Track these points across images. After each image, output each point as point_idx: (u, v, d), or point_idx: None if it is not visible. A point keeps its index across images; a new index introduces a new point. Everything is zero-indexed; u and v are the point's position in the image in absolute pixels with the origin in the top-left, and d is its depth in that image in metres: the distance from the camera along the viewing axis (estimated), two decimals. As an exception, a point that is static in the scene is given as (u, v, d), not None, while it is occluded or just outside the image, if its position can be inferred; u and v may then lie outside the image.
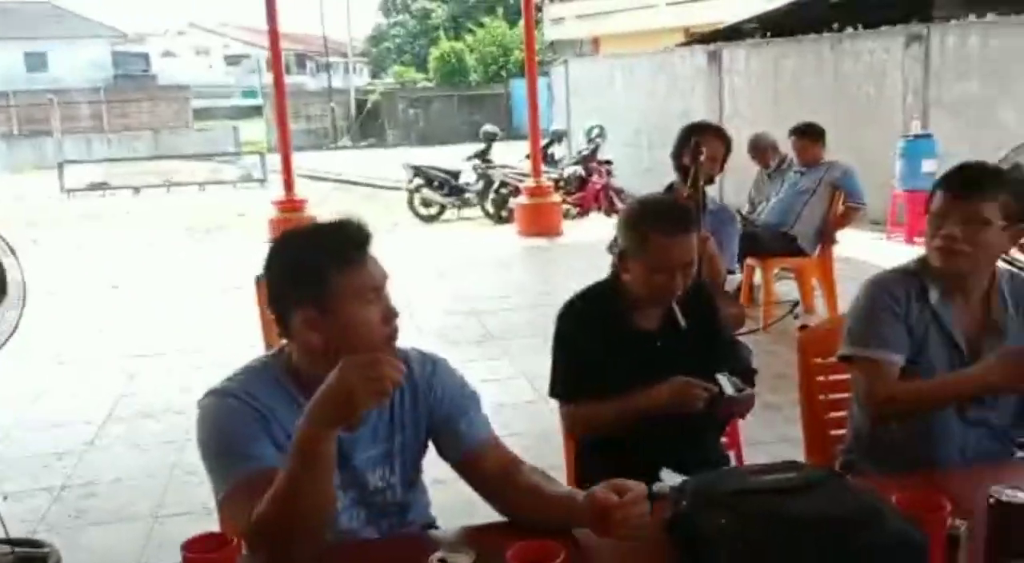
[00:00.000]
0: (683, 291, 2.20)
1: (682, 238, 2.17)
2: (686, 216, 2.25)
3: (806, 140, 5.87)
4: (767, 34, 12.37)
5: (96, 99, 30.46)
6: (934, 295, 2.13)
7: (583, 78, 15.67)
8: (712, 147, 3.63)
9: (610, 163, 12.55)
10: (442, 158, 14.63)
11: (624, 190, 12.37)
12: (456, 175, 12.89)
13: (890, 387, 2.08)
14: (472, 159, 12.86)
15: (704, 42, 13.58)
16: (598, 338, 2.24)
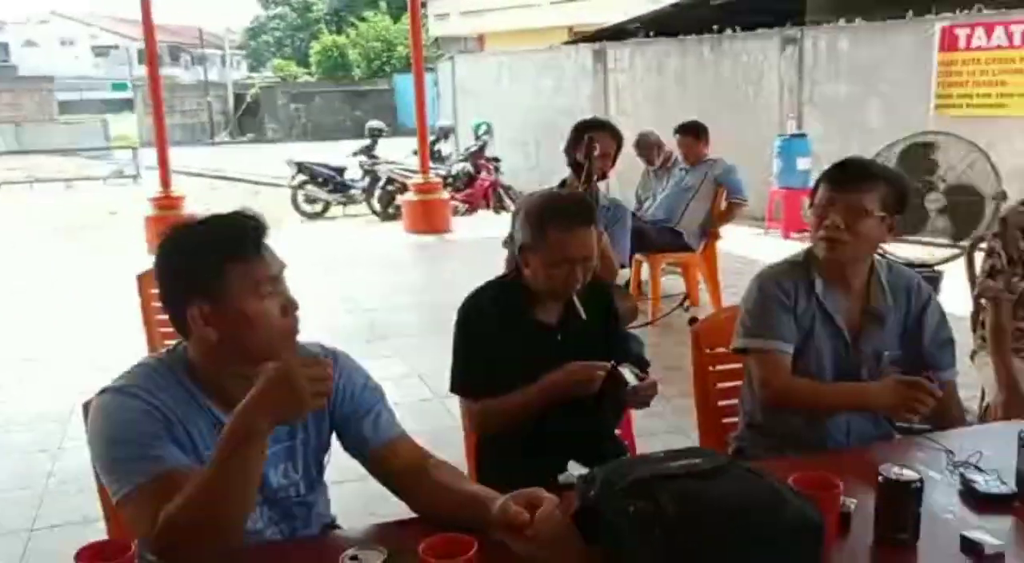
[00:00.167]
0: (582, 285, 2.21)
1: (581, 231, 2.18)
2: (585, 210, 2.27)
3: (690, 138, 6.04)
4: (651, 34, 12.65)
5: (-51, 90, 28.68)
6: (819, 286, 2.24)
7: (470, 75, 15.67)
8: (605, 144, 3.69)
9: (498, 160, 12.60)
10: (326, 154, 14.37)
11: (512, 187, 12.45)
12: (341, 171, 12.70)
13: (785, 380, 2.18)
14: (358, 155, 12.70)
15: (589, 41, 13.79)
16: (499, 333, 2.23)
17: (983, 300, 3.08)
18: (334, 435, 1.72)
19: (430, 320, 6.02)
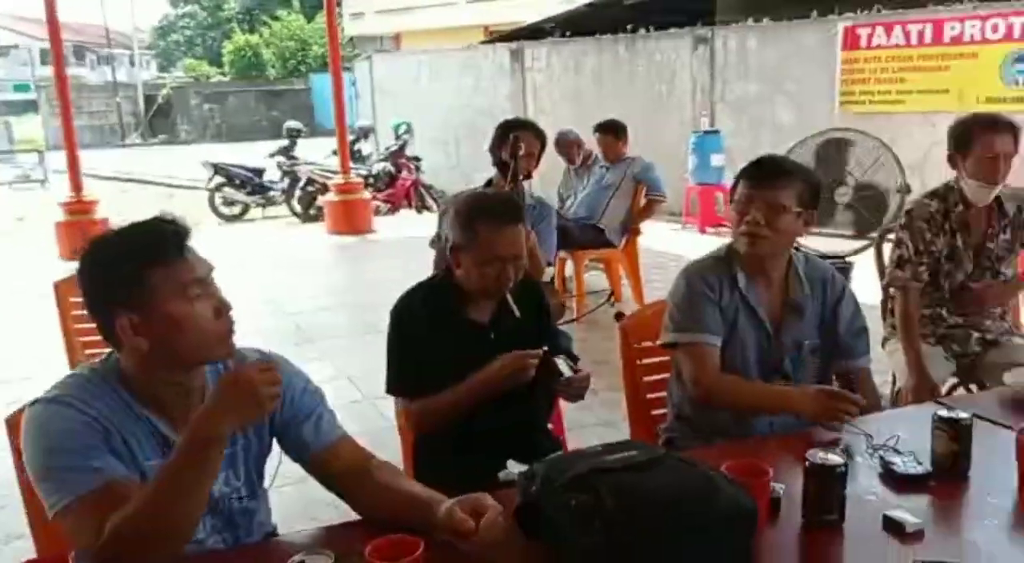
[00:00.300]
0: (515, 283, 2.25)
1: (510, 230, 2.22)
2: (513, 208, 2.30)
3: (610, 137, 6.14)
4: (567, 34, 12.77)
5: None
6: (742, 280, 2.32)
7: (388, 74, 15.56)
8: (529, 143, 3.74)
9: (419, 159, 12.56)
10: (243, 155, 14.12)
11: (434, 186, 12.43)
12: (259, 173, 12.49)
13: (714, 379, 2.25)
14: (276, 156, 12.50)
15: (506, 40, 13.84)
16: (432, 333, 2.25)
17: (892, 289, 3.23)
18: (275, 441, 1.72)
19: (357, 321, 5.98)
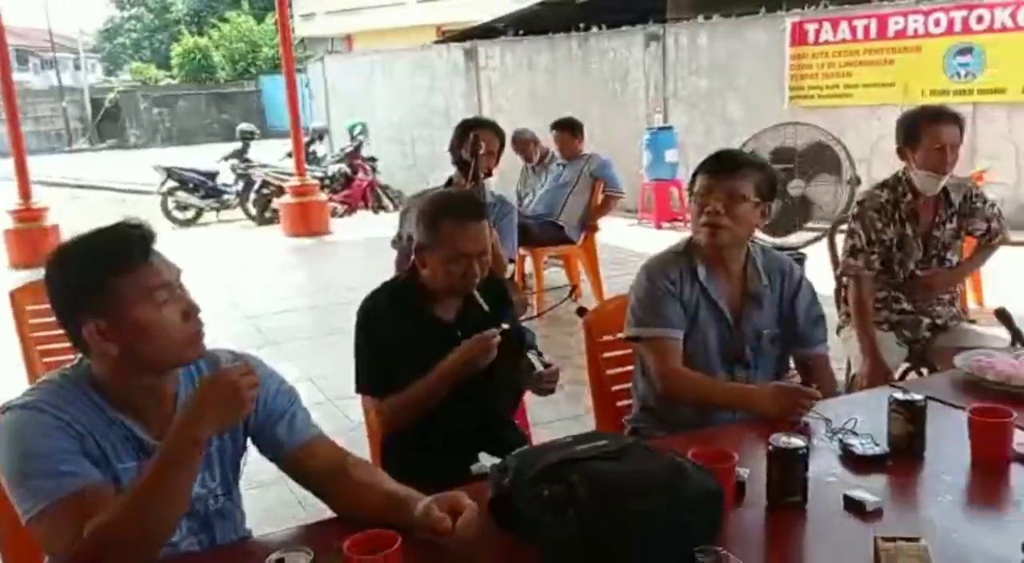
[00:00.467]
0: (480, 280, 2.27)
1: (474, 226, 2.24)
2: (476, 206, 2.33)
3: (566, 134, 6.19)
4: (520, 32, 12.81)
5: None
6: (702, 272, 2.37)
7: (341, 75, 15.48)
8: (489, 142, 3.76)
9: (374, 160, 12.51)
10: (195, 159, 13.93)
11: (390, 186, 12.39)
12: (213, 176, 12.34)
13: (677, 371, 2.30)
14: (229, 159, 12.36)
15: (459, 40, 13.85)
16: (399, 331, 2.27)
17: (846, 278, 3.32)
18: (250, 441, 1.72)
19: (318, 323, 5.96)
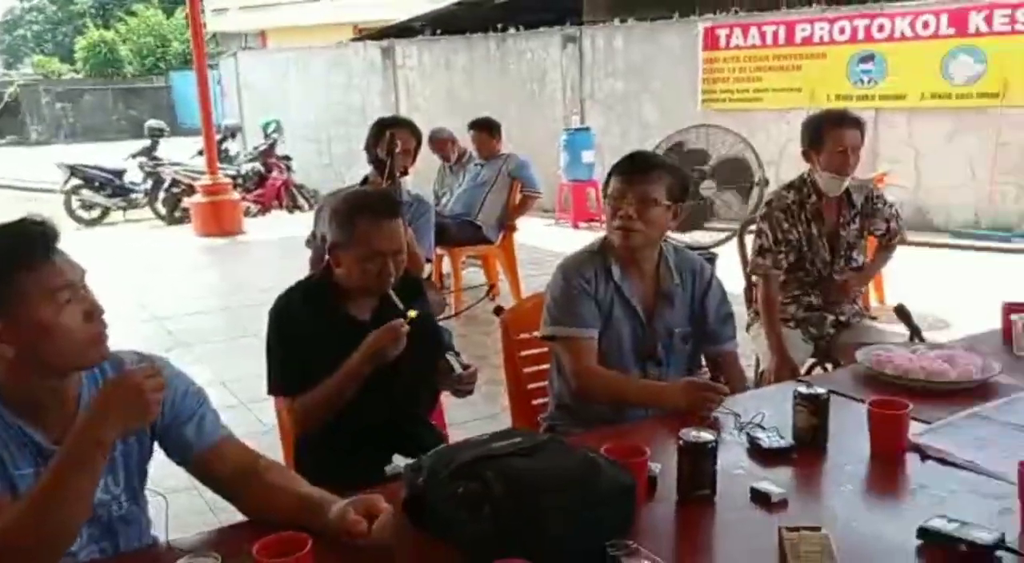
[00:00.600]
0: (396, 279, 2.26)
1: (389, 224, 2.22)
2: (391, 203, 2.32)
3: (484, 134, 6.21)
4: (437, 32, 12.78)
5: None
6: (616, 271, 2.41)
7: (255, 72, 15.17)
8: (405, 140, 3.75)
9: (289, 159, 12.32)
10: (101, 156, 13.49)
11: (305, 186, 12.22)
12: (120, 174, 11.98)
13: (591, 370, 2.33)
14: (137, 157, 12.02)
15: (375, 38, 13.74)
16: (313, 331, 2.23)
17: (754, 277, 3.42)
18: (156, 445, 1.68)
19: (231, 324, 5.83)
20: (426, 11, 13.56)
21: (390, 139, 3.50)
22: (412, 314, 2.17)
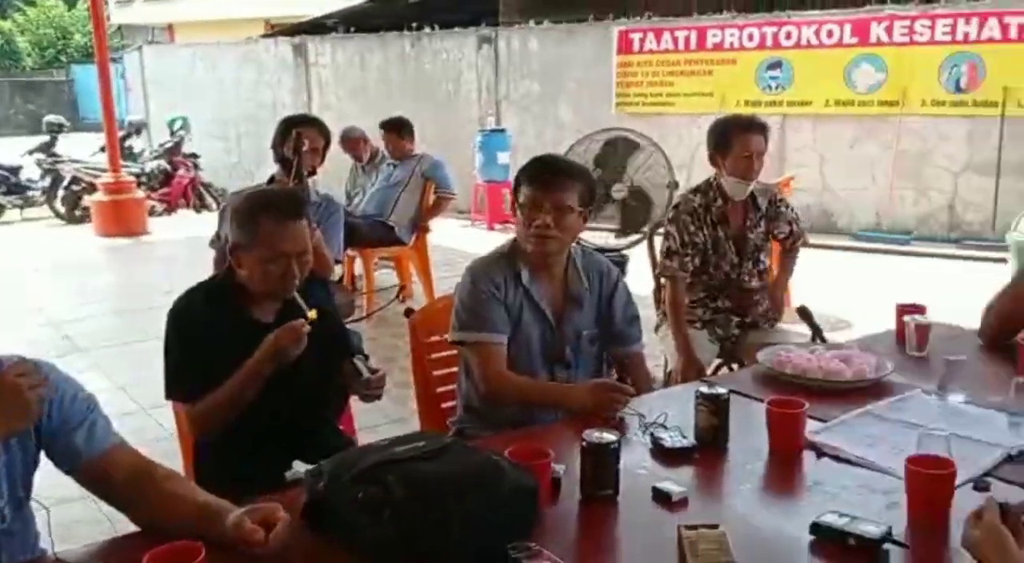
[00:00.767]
0: (300, 281, 2.21)
1: (293, 225, 2.16)
2: (295, 203, 2.25)
3: (394, 135, 6.15)
4: (350, 29, 12.64)
5: None
6: (525, 275, 2.41)
7: (161, 67, 14.74)
8: (313, 139, 3.67)
9: (197, 156, 12.01)
10: (-4, 152, 12.93)
11: (213, 184, 11.93)
12: (16, 171, 11.51)
13: (500, 375, 2.33)
14: (35, 153, 11.54)
15: (288, 35, 13.51)
16: (214, 334, 2.16)
17: (663, 278, 3.47)
18: (43, 454, 1.60)
19: (131, 328, 5.65)
20: (339, 8, 13.39)
21: (296, 138, 3.43)
22: (312, 314, 2.12)
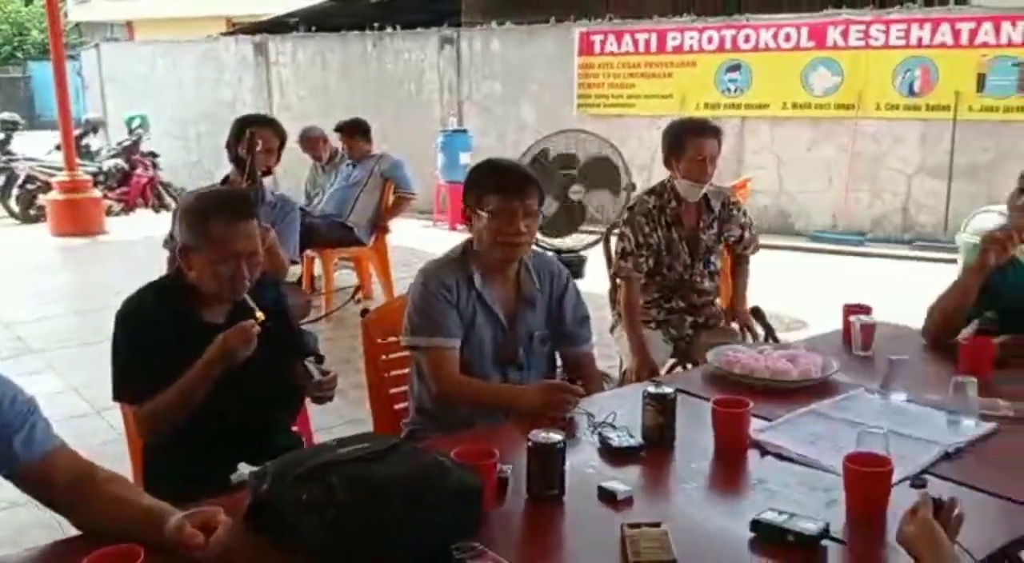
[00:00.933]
0: (251, 282, 2.19)
1: (243, 225, 2.14)
2: (245, 203, 2.24)
3: (350, 137, 6.12)
4: (312, 28, 12.56)
5: None
6: (478, 279, 2.41)
7: (119, 64, 14.52)
8: (267, 139, 3.66)
9: (155, 155, 11.85)
10: (-52, 150, 12.65)
11: (172, 183, 11.79)
12: (-32, 169, 11.26)
13: (452, 379, 2.34)
14: (-12, 151, 11.32)
15: (248, 33, 13.39)
16: (163, 335, 2.14)
17: (618, 279, 3.49)
18: None
19: (85, 329, 5.58)
20: (301, 7, 13.30)
21: (251, 138, 3.41)
22: (261, 315, 2.11)
